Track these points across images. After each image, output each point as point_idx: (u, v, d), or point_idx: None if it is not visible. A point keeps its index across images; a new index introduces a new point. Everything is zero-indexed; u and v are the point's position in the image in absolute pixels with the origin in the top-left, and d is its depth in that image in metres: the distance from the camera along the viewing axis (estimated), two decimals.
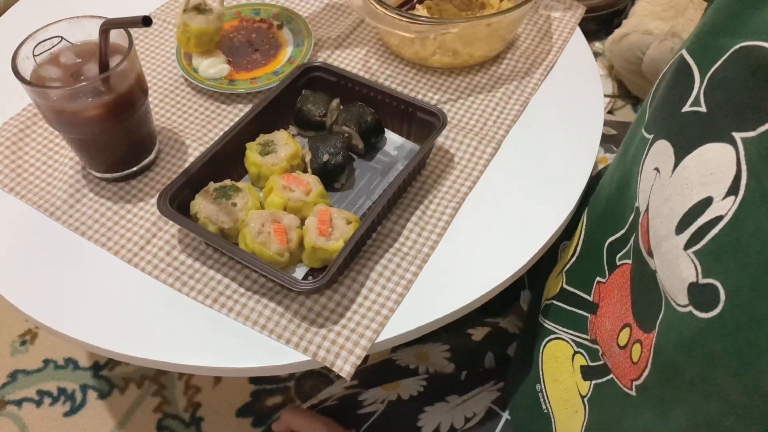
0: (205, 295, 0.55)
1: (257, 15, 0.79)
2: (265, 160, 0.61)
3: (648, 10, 1.53)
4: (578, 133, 0.68)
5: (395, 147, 0.67)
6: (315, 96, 0.66)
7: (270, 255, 0.54)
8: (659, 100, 0.48)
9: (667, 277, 0.41)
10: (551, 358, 0.59)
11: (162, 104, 0.71)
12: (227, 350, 0.53)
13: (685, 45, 0.45)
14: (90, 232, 0.60)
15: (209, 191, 0.58)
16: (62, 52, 0.59)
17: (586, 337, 0.55)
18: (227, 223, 0.56)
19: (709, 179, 0.39)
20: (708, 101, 0.41)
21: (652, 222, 0.44)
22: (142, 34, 0.79)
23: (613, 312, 0.51)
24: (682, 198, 0.41)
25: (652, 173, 0.46)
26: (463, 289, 0.56)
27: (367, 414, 0.65)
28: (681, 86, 0.44)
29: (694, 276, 0.38)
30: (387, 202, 0.58)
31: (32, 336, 1.28)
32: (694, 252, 0.39)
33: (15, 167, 0.65)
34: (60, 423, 1.17)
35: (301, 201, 0.58)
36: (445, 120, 0.62)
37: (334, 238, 0.55)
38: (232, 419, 1.17)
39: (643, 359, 0.45)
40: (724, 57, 0.40)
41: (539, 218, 0.61)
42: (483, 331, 0.75)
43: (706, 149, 0.40)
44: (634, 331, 0.47)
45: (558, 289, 0.60)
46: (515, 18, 0.71)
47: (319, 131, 0.66)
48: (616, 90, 1.66)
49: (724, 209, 0.37)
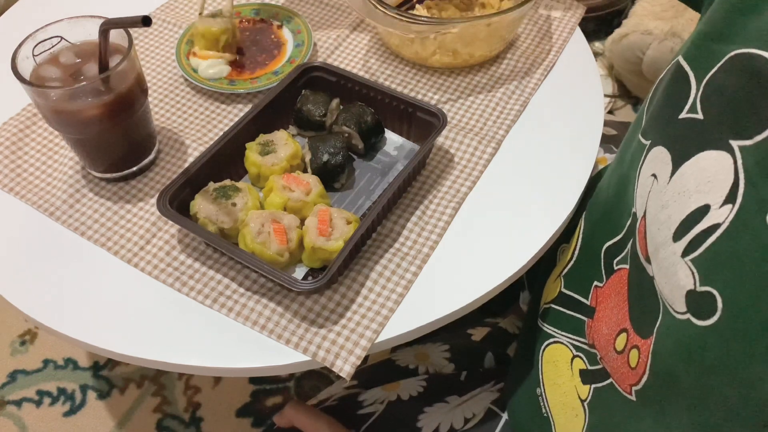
0: (204, 295, 0.55)
1: (257, 15, 0.79)
2: (264, 160, 0.61)
3: (648, 10, 1.53)
4: (578, 133, 0.68)
5: (395, 147, 0.67)
6: (315, 96, 0.66)
7: (270, 255, 0.54)
8: (656, 107, 0.48)
9: (665, 283, 0.41)
10: (550, 362, 0.59)
11: (162, 104, 0.71)
12: (227, 350, 0.53)
13: (681, 51, 0.45)
14: (90, 232, 0.60)
15: (209, 191, 0.58)
16: (62, 52, 0.59)
17: (584, 341, 0.55)
18: (227, 223, 0.56)
19: (707, 187, 0.39)
20: (705, 108, 0.41)
21: (650, 228, 0.44)
22: (142, 34, 0.79)
23: (609, 317, 0.51)
24: (680, 205, 0.41)
25: (650, 179, 0.46)
26: (463, 289, 0.56)
27: (366, 414, 0.65)
28: (678, 93, 0.44)
29: (692, 284, 0.39)
30: (387, 202, 0.58)
31: (32, 336, 1.28)
32: (691, 259, 0.39)
33: (15, 167, 0.65)
34: (60, 423, 1.17)
35: (301, 201, 0.58)
36: (445, 120, 0.62)
37: (334, 238, 0.54)
38: (232, 419, 1.17)
39: (641, 365, 0.44)
40: (719, 64, 0.40)
41: (539, 218, 0.61)
42: (483, 331, 0.76)
43: (703, 157, 0.40)
44: (631, 337, 0.47)
45: (557, 292, 0.60)
46: (515, 18, 0.71)
47: (318, 131, 0.66)
48: (616, 90, 1.66)
49: (721, 217, 0.37)
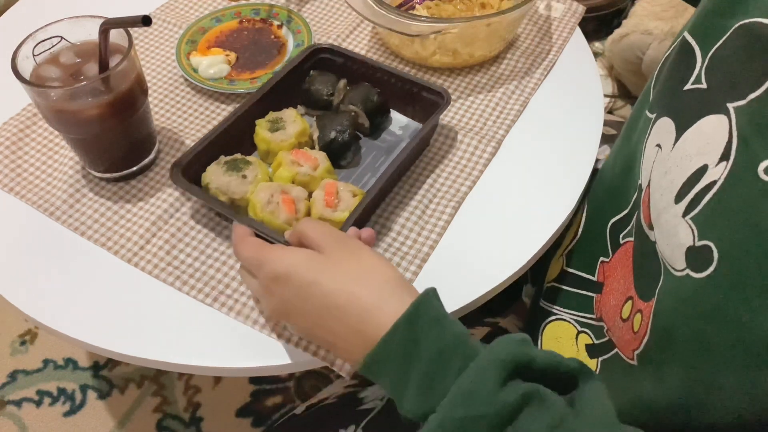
0: (205, 294, 0.55)
1: (257, 15, 0.79)
2: (274, 137, 0.63)
3: (648, 10, 1.53)
4: (578, 133, 0.68)
5: (400, 127, 0.69)
6: (322, 76, 0.68)
7: (278, 224, 0.56)
8: (663, 81, 0.50)
9: (666, 245, 0.43)
10: (552, 339, 0.60)
11: (162, 104, 0.71)
12: (227, 350, 0.53)
13: (687, 27, 0.47)
14: (90, 231, 0.60)
15: (220, 163, 0.60)
16: (62, 52, 0.59)
17: (591, 317, 0.56)
18: (237, 194, 0.58)
19: (706, 148, 0.41)
20: (708, 78, 0.43)
21: (653, 196, 0.45)
22: (142, 34, 0.79)
23: (617, 288, 0.52)
24: (681, 169, 0.42)
25: (654, 150, 0.47)
26: (463, 289, 0.56)
27: (367, 410, 0.65)
28: (684, 66, 0.46)
29: (691, 240, 0.40)
30: (391, 175, 0.59)
31: (32, 336, 1.28)
32: (691, 218, 0.40)
33: (15, 167, 0.65)
34: (60, 423, 1.17)
35: (308, 175, 0.60)
36: (449, 98, 0.64)
37: (339, 209, 0.56)
38: (232, 419, 1.17)
39: (642, 327, 0.46)
40: (725, 36, 0.42)
41: (539, 218, 0.61)
42: (483, 331, 0.75)
43: (705, 122, 0.42)
44: (635, 303, 0.48)
45: (558, 271, 0.61)
46: (515, 18, 0.71)
47: (326, 110, 0.68)
48: (616, 90, 1.66)
49: (717, 174, 0.39)
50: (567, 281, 0.60)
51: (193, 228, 0.60)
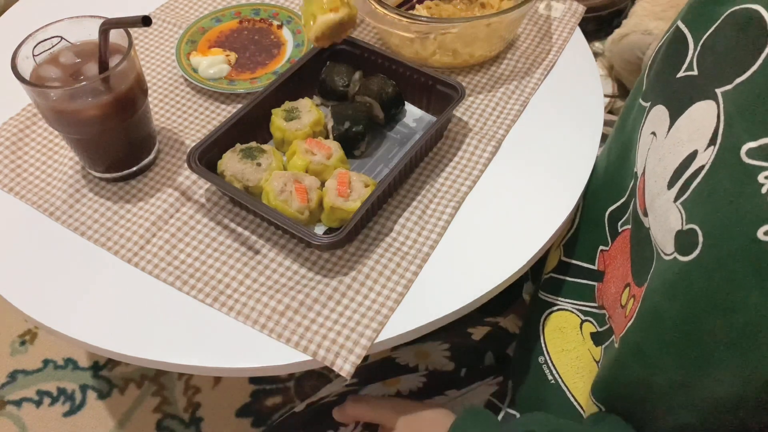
0: (205, 294, 0.55)
1: (257, 15, 0.79)
2: (289, 126, 0.64)
3: (648, 10, 1.53)
4: (578, 133, 0.68)
5: (414, 119, 0.69)
6: (338, 67, 0.69)
7: (291, 212, 0.57)
8: (656, 70, 0.50)
9: (658, 230, 0.44)
10: (555, 330, 0.61)
11: (162, 104, 0.71)
12: (227, 350, 0.53)
13: (680, 16, 0.48)
14: (90, 232, 0.60)
15: (236, 151, 0.61)
16: (62, 52, 0.59)
17: (593, 305, 0.57)
18: (252, 181, 0.59)
19: (696, 134, 0.41)
20: (699, 65, 0.44)
21: (648, 182, 0.46)
22: (142, 34, 0.79)
23: (616, 276, 0.53)
24: (674, 155, 0.43)
25: (649, 137, 0.48)
26: (463, 289, 0.56)
27: None
28: (676, 54, 0.47)
29: (680, 224, 0.41)
30: (404, 167, 0.60)
31: (32, 336, 1.28)
32: (681, 203, 0.41)
33: (15, 167, 0.65)
34: (59, 423, 1.17)
35: (322, 164, 0.60)
36: (463, 92, 0.64)
37: (351, 199, 0.57)
38: (232, 419, 1.17)
39: (631, 312, 0.47)
40: (716, 23, 0.43)
41: (539, 218, 0.61)
42: (483, 330, 0.76)
43: (695, 108, 0.42)
44: (631, 289, 0.49)
45: (556, 262, 0.62)
46: (515, 18, 0.71)
47: (341, 101, 0.69)
48: (616, 90, 1.66)
49: (705, 159, 0.40)
50: (567, 271, 0.61)
51: (194, 228, 0.60)
